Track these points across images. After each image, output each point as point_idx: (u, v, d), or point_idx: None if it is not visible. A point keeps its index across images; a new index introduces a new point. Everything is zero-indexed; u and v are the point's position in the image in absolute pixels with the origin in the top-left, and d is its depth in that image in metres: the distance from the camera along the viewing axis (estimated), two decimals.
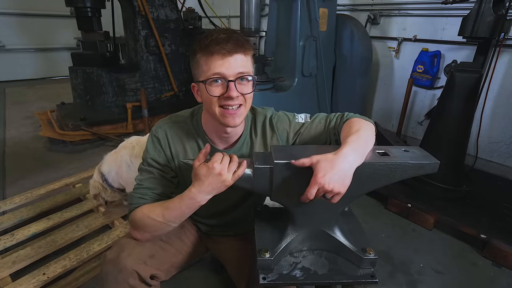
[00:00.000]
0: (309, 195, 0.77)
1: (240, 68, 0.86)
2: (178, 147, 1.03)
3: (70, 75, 3.40)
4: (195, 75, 0.91)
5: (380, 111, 3.61)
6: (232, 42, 0.84)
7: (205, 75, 0.86)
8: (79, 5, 3.16)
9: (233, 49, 0.84)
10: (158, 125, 1.04)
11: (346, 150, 0.79)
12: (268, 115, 1.07)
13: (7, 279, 1.41)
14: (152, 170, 1.00)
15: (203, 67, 0.86)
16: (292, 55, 2.63)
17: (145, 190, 0.98)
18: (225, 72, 0.85)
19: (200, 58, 0.86)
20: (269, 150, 1.04)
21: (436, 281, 1.66)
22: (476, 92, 2.06)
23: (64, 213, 1.85)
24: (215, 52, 0.84)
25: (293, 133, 1.05)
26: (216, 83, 0.86)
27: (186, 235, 1.21)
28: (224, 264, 1.28)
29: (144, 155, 1.03)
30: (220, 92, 0.87)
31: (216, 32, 0.86)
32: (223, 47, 0.83)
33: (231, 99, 0.87)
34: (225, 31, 0.87)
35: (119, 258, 0.94)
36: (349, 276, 0.89)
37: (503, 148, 2.72)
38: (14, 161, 2.77)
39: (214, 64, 0.84)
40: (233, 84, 0.86)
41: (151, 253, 1.02)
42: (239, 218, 1.23)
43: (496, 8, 1.86)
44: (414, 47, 3.11)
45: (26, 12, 5.70)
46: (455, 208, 2.08)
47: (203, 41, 0.86)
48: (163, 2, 3.71)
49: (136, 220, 0.95)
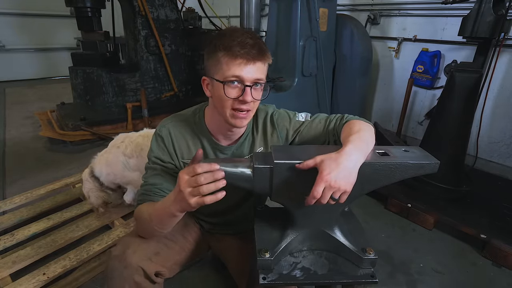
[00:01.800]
0: (316, 194, 0.75)
1: (258, 74, 0.88)
2: (182, 145, 1.04)
3: (70, 75, 3.40)
4: (211, 70, 0.91)
5: (380, 111, 3.61)
6: (257, 48, 0.86)
7: (223, 75, 0.87)
8: (79, 5, 3.16)
9: (256, 56, 0.86)
10: (161, 124, 1.05)
11: (349, 149, 0.79)
12: (269, 112, 1.09)
13: (7, 279, 1.41)
14: (156, 167, 1.02)
15: (223, 66, 0.87)
16: (292, 55, 2.63)
17: (149, 187, 0.99)
18: (244, 76, 0.86)
19: (222, 57, 0.86)
20: (269, 147, 1.06)
21: (436, 281, 1.66)
22: (476, 92, 2.06)
23: (64, 213, 1.85)
24: (239, 55, 0.85)
25: (292, 131, 1.07)
26: (233, 85, 0.87)
27: (189, 233, 1.22)
28: (225, 262, 1.28)
29: (149, 154, 1.04)
30: (236, 95, 0.88)
31: (241, 34, 0.87)
32: (248, 52, 0.85)
33: (244, 103, 0.88)
34: (250, 35, 0.88)
35: (124, 254, 0.94)
36: (349, 276, 0.89)
37: (503, 148, 2.72)
38: (14, 161, 2.77)
39: (235, 67, 0.85)
40: (249, 89, 0.87)
41: (156, 250, 1.02)
42: (241, 217, 1.24)
43: (496, 8, 1.86)
44: (414, 47, 3.11)
45: (26, 12, 5.70)
46: (455, 208, 2.08)
47: (228, 40, 0.85)
48: (163, 2, 3.71)
49: (136, 215, 0.97)
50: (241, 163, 0.86)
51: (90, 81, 3.33)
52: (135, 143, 1.73)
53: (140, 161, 1.70)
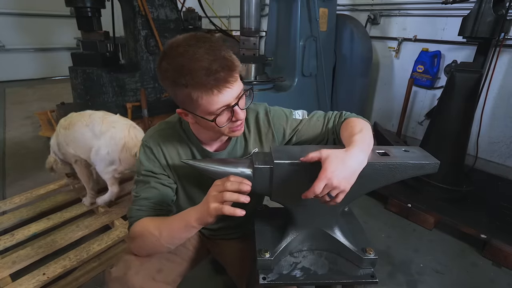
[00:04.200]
0: (317, 189, 0.73)
1: (237, 89, 0.81)
2: (172, 153, 0.98)
3: (70, 75, 3.40)
4: (186, 106, 0.83)
5: (380, 111, 3.61)
6: (225, 68, 0.76)
7: (207, 112, 0.81)
8: (79, 5, 3.15)
9: (229, 75, 0.77)
10: (147, 134, 1.00)
11: (356, 150, 0.78)
12: (261, 111, 1.04)
13: (7, 279, 1.42)
14: (148, 180, 0.95)
15: (203, 104, 0.79)
16: (292, 55, 2.63)
17: (142, 201, 0.93)
18: (229, 101, 0.80)
19: (196, 96, 0.77)
20: (264, 146, 1.04)
21: (436, 281, 1.66)
22: (476, 92, 2.06)
23: (64, 213, 1.85)
24: (214, 87, 0.76)
25: (290, 129, 1.03)
26: (222, 114, 0.82)
27: (189, 241, 1.19)
28: (224, 264, 1.27)
29: (138, 168, 0.98)
30: (228, 118, 0.83)
31: (199, 58, 0.75)
32: (220, 78, 0.75)
33: (239, 120, 0.85)
34: (207, 53, 0.75)
35: (126, 276, 0.88)
36: (349, 276, 0.88)
37: (503, 148, 2.72)
38: (14, 161, 2.77)
39: (216, 100, 0.78)
40: (237, 107, 0.82)
41: (159, 267, 0.98)
42: (242, 221, 1.22)
43: (496, 8, 1.86)
44: (414, 47, 3.11)
45: (26, 12, 5.69)
46: (455, 208, 2.08)
47: (190, 75, 0.75)
48: (163, 2, 3.71)
49: (136, 233, 0.90)
50: (241, 163, 0.86)
51: (90, 81, 3.33)
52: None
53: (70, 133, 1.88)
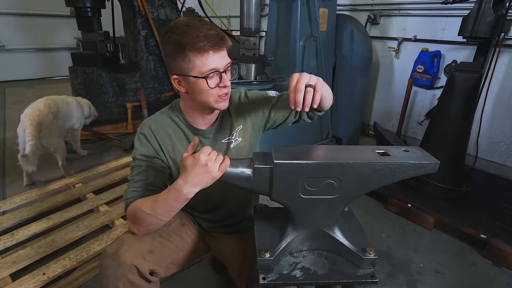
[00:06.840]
0: (293, 83, 0.84)
1: (226, 59, 0.96)
2: (165, 138, 1.07)
3: (70, 75, 3.40)
4: (182, 69, 0.94)
5: (380, 111, 3.61)
6: (220, 36, 0.92)
7: (200, 71, 0.92)
8: (79, 5, 3.16)
9: (222, 44, 0.92)
10: (142, 124, 1.11)
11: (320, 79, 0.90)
12: (242, 92, 1.19)
13: (7, 279, 1.42)
14: (141, 164, 1.04)
15: (196, 63, 0.91)
16: (292, 55, 2.63)
17: (136, 183, 1.00)
18: (219, 66, 0.93)
19: (193, 55, 0.90)
20: (247, 122, 1.14)
21: (436, 281, 1.66)
22: (476, 92, 2.06)
23: (64, 213, 1.85)
24: (209, 48, 0.90)
25: (268, 105, 1.17)
26: (212, 76, 0.94)
27: (186, 233, 1.21)
28: (225, 262, 1.28)
29: (133, 154, 1.07)
30: (216, 84, 0.95)
31: (200, 26, 0.90)
32: (215, 43, 0.90)
33: (226, 88, 0.97)
34: (207, 24, 0.92)
35: (118, 252, 0.94)
36: (349, 276, 0.88)
37: (503, 148, 2.72)
38: (14, 161, 2.76)
39: (209, 61, 0.91)
40: (225, 75, 0.96)
41: (150, 248, 1.03)
42: (237, 209, 1.25)
43: (496, 8, 1.86)
44: (414, 47, 3.11)
45: (26, 12, 5.70)
46: (455, 208, 2.08)
47: (192, 37, 0.88)
48: (163, 2, 3.71)
49: (131, 213, 0.97)
50: (241, 163, 0.86)
51: (90, 81, 3.33)
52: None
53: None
